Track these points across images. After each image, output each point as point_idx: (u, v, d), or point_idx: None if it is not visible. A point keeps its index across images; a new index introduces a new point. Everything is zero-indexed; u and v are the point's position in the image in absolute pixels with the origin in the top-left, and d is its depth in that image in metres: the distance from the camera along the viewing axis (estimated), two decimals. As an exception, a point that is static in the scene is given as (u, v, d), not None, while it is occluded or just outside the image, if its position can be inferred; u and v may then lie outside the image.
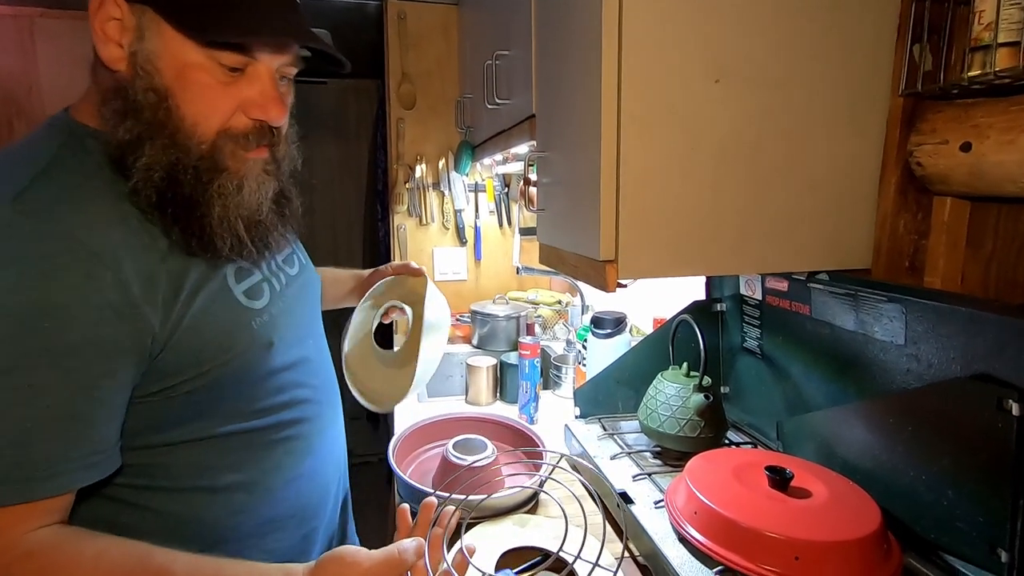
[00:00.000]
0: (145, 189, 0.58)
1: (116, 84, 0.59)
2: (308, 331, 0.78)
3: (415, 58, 2.04)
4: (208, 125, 0.60)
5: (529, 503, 0.94)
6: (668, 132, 0.67)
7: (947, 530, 0.66)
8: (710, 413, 0.92)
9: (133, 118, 0.58)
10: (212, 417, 0.64)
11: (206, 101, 0.59)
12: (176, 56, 0.57)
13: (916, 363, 0.71)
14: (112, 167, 0.59)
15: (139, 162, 0.57)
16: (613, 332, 1.33)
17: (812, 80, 0.69)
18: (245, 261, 0.66)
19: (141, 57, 0.57)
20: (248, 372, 0.66)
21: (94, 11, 0.57)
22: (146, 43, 0.57)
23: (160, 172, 0.58)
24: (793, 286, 0.90)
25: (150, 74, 0.58)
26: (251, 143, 0.63)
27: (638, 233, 0.68)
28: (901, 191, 0.70)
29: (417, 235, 2.17)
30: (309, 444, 0.75)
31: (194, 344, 0.60)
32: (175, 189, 0.59)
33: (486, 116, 1.43)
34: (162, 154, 0.58)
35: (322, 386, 0.79)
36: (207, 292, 0.62)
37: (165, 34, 0.57)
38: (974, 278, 0.67)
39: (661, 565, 0.71)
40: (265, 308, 0.68)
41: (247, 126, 0.62)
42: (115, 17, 0.57)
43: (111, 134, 0.58)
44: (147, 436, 0.61)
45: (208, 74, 0.59)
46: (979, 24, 0.57)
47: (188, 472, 0.64)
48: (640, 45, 0.65)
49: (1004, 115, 0.58)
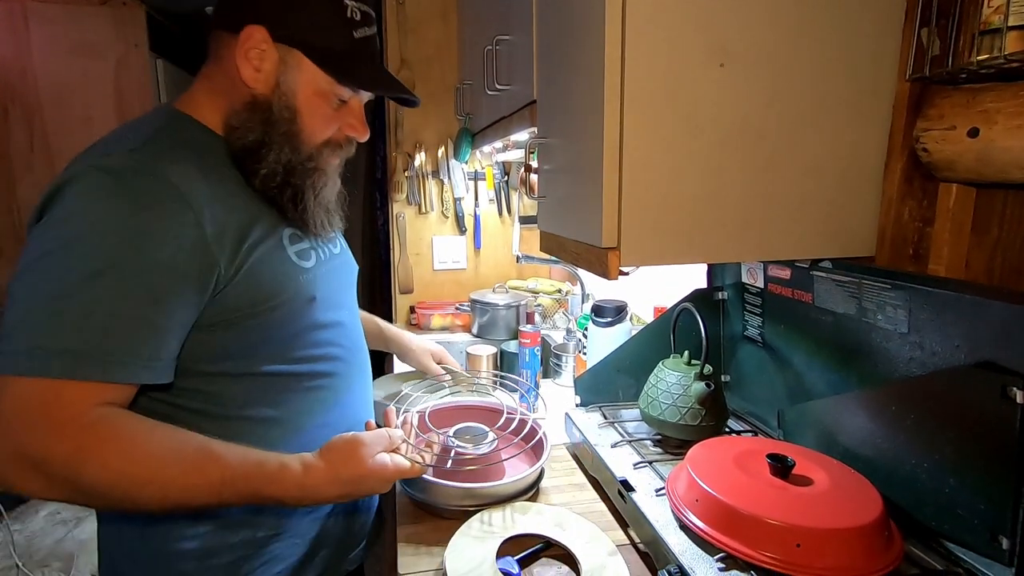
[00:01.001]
0: (272, 177, 0.76)
1: (253, 99, 0.75)
2: (344, 300, 0.90)
3: (414, 44, 2.02)
4: (319, 137, 0.79)
5: (530, 490, 0.94)
6: (671, 117, 0.66)
7: (948, 517, 0.66)
8: (711, 401, 0.91)
9: (270, 126, 0.76)
10: (257, 356, 0.76)
11: (322, 120, 0.79)
12: (310, 86, 0.76)
13: (920, 351, 0.70)
14: (208, 144, 0.75)
15: (270, 157, 0.76)
16: (614, 321, 1.33)
17: (818, 65, 0.68)
18: (302, 230, 0.81)
19: (283, 85, 0.75)
20: (292, 320, 0.77)
21: (243, 40, 0.72)
22: (288, 74, 0.75)
23: (282, 166, 0.77)
24: (795, 274, 0.90)
25: (288, 96, 0.76)
26: (340, 151, 0.84)
27: (640, 220, 0.67)
28: (907, 177, 0.69)
29: (416, 224, 2.16)
30: (337, 396, 0.86)
31: (251, 285, 0.72)
32: (290, 179, 0.78)
33: (486, 102, 1.42)
34: (285, 154, 0.77)
35: (353, 349, 0.90)
36: (265, 246, 0.74)
37: (305, 70, 0.75)
38: (979, 265, 0.67)
39: (662, 552, 0.71)
40: (311, 269, 0.81)
41: (341, 139, 0.83)
42: (260, 48, 0.73)
43: (243, 134, 0.75)
44: (204, 364, 0.72)
45: (327, 102, 0.78)
46: (989, 7, 0.56)
47: (233, 401, 0.75)
48: (643, 29, 0.64)
49: (1014, 100, 0.57)
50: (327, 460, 0.71)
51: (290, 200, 0.78)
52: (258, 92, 0.75)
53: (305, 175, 0.79)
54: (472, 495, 0.88)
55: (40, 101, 2.26)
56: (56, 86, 2.26)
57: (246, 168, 0.76)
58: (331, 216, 0.86)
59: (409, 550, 0.83)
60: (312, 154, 0.79)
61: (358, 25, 0.76)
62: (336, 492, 0.71)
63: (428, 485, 0.90)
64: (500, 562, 0.75)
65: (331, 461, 0.71)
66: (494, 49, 1.24)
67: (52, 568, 2.23)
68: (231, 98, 0.76)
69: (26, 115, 2.28)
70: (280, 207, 0.78)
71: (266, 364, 0.77)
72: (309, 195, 0.80)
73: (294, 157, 0.78)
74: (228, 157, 0.76)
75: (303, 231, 0.82)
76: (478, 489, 0.88)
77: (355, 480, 0.71)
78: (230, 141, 0.76)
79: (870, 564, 0.62)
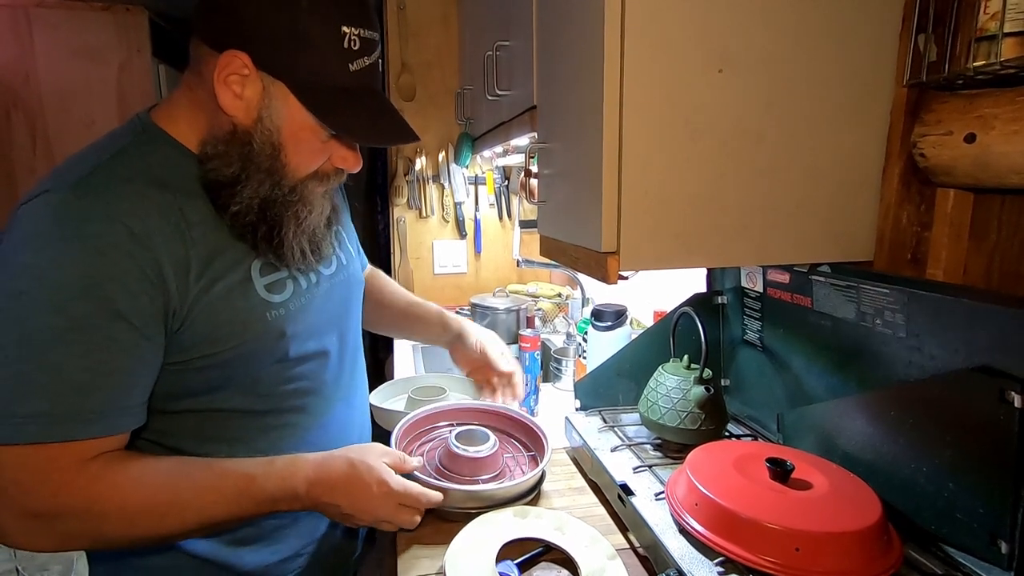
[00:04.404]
0: (245, 214, 0.70)
1: (234, 129, 0.69)
2: (332, 326, 0.85)
3: (415, 48, 2.03)
4: (304, 170, 0.73)
5: (530, 494, 0.94)
6: (670, 122, 0.66)
7: (947, 521, 0.66)
8: (711, 405, 0.92)
9: (249, 162, 0.69)
10: (219, 393, 0.73)
11: (308, 155, 0.72)
12: (295, 121, 0.69)
13: (918, 355, 0.71)
14: (176, 167, 0.69)
15: (245, 192, 0.69)
16: (613, 325, 1.33)
17: (815, 70, 0.69)
18: (274, 258, 0.74)
19: (267, 120, 0.69)
20: (257, 358, 0.73)
21: (223, 65, 0.66)
22: (273, 108, 0.68)
23: (258, 200, 0.71)
24: (795, 278, 0.90)
25: (271, 132, 0.69)
26: (329, 181, 0.77)
27: (639, 224, 0.68)
28: (904, 182, 0.69)
29: (417, 228, 2.16)
30: (305, 435, 0.81)
31: (208, 325, 0.68)
32: (266, 213, 0.71)
33: (486, 107, 1.43)
34: (263, 189, 0.71)
35: (333, 381, 0.85)
36: (227, 281, 0.70)
37: (291, 105, 0.68)
38: (977, 270, 0.67)
39: (662, 556, 0.71)
40: (284, 302, 0.75)
41: (329, 170, 0.76)
42: (241, 74, 0.66)
43: (219, 166, 0.69)
44: (165, 402, 0.70)
45: (315, 136, 0.71)
46: (985, 13, 0.57)
47: (194, 440, 0.73)
48: (643, 34, 0.64)
49: (1010, 106, 0.57)
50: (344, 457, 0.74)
51: (264, 237, 0.72)
52: (238, 122, 0.69)
53: (286, 207, 0.73)
54: (472, 498, 0.88)
55: (43, 105, 2.28)
56: (59, 90, 2.27)
57: (218, 201, 0.70)
58: (317, 244, 0.79)
59: (409, 553, 0.83)
60: (295, 187, 0.73)
61: (356, 56, 0.68)
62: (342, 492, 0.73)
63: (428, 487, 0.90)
64: (500, 566, 0.75)
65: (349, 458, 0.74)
66: (494, 54, 1.24)
67: (52, 572, 2.22)
68: (211, 119, 0.70)
69: (29, 119, 2.29)
70: (252, 243, 0.72)
71: (227, 403, 0.73)
72: (288, 227, 0.73)
73: (274, 192, 0.71)
74: (199, 181, 0.70)
75: (278, 263, 0.75)
76: (478, 492, 0.88)
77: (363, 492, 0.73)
78: (204, 169, 0.70)
79: (869, 568, 0.62)
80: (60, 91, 2.27)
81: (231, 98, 0.67)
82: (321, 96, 0.68)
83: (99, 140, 0.70)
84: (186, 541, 0.74)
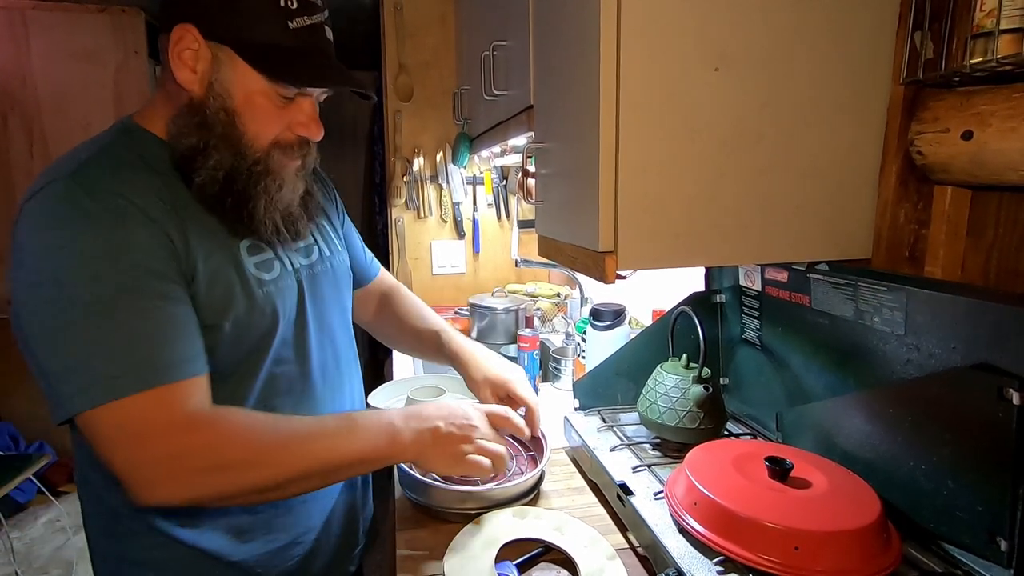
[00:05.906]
0: (210, 185, 0.72)
1: (190, 102, 0.71)
2: (317, 316, 0.85)
3: (412, 49, 2.03)
4: (264, 138, 0.74)
5: (529, 494, 0.94)
6: (667, 121, 0.66)
7: (947, 519, 0.66)
8: (709, 404, 0.91)
9: (205, 130, 0.71)
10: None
11: (265, 121, 0.73)
12: (246, 85, 0.71)
13: (916, 353, 0.71)
14: (157, 156, 0.72)
15: (208, 163, 0.71)
16: (612, 324, 1.33)
17: (812, 68, 0.68)
18: (260, 239, 0.77)
19: (217, 85, 0.71)
20: (247, 332, 0.74)
21: (175, 41, 0.69)
22: (222, 73, 0.70)
23: (223, 172, 0.72)
24: (793, 277, 0.90)
25: (223, 97, 0.71)
26: (294, 153, 0.77)
27: (637, 223, 0.68)
28: (902, 180, 0.69)
29: (415, 228, 2.16)
30: None
31: (207, 297, 0.70)
32: (232, 186, 0.73)
33: (484, 107, 1.43)
34: (226, 159, 0.72)
35: (315, 369, 0.84)
36: (219, 256, 0.73)
37: (239, 68, 0.70)
38: (975, 267, 0.67)
39: (661, 556, 0.71)
40: (273, 280, 0.78)
41: (292, 140, 0.77)
42: (192, 48, 0.69)
43: (180, 140, 0.72)
44: None
45: (269, 100, 0.73)
46: (981, 11, 0.57)
47: None
48: (639, 33, 0.64)
49: (1006, 103, 0.57)
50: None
51: (232, 208, 0.73)
52: (194, 94, 0.71)
53: (252, 180, 0.74)
54: (472, 499, 0.88)
55: (40, 107, 2.27)
56: (55, 92, 2.27)
57: (185, 176, 0.72)
58: (293, 221, 0.80)
59: (408, 554, 0.83)
60: (259, 158, 0.74)
61: (295, 14, 0.70)
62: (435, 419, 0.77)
63: (428, 488, 0.90)
64: (499, 566, 0.75)
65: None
66: (491, 55, 1.24)
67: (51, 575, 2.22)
68: (176, 103, 0.73)
69: (25, 122, 2.29)
70: (221, 215, 0.73)
71: (216, 392, 0.72)
72: (259, 201, 0.74)
73: (237, 162, 0.73)
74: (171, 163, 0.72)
75: (259, 240, 0.77)
76: (478, 493, 0.88)
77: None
78: (172, 148, 0.72)
79: (869, 566, 0.61)
80: (57, 93, 2.27)
81: (187, 73, 0.70)
82: (265, 54, 0.71)
83: (83, 143, 0.73)
84: (184, 534, 0.74)
